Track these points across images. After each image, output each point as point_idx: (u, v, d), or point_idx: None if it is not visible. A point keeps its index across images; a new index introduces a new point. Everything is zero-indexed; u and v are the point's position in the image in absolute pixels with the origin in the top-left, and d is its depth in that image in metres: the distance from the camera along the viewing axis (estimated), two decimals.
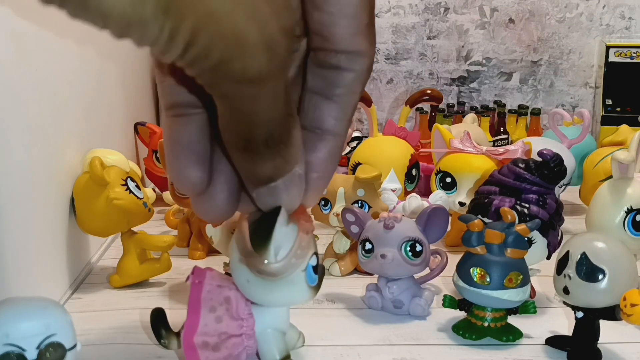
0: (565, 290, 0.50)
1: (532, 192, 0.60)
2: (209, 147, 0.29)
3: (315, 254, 0.45)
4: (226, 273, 0.56)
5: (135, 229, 0.68)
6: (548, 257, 0.61)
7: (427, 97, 1.08)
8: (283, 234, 0.39)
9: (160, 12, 0.21)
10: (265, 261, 0.39)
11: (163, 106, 0.29)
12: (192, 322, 0.47)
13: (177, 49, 0.22)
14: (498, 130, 1.25)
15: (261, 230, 0.35)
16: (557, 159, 0.61)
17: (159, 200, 0.87)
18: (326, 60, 0.28)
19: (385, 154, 0.87)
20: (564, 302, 0.52)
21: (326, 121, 0.29)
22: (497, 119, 1.28)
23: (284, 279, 0.42)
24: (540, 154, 0.61)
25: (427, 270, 0.63)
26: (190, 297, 0.48)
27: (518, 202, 0.60)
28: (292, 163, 0.28)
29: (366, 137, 1.06)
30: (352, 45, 0.27)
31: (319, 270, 0.46)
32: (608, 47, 1.49)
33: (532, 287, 0.60)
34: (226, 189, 0.30)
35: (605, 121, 1.46)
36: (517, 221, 0.53)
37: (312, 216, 0.74)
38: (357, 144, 1.02)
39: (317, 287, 0.46)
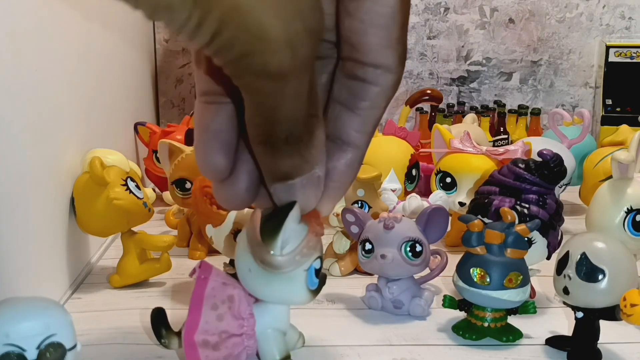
0: (565, 291, 0.50)
1: (532, 192, 0.60)
2: (236, 137, 0.30)
3: (320, 258, 0.45)
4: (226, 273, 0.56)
5: (135, 229, 0.68)
6: (548, 257, 0.61)
7: (427, 97, 1.08)
8: (293, 230, 0.39)
9: (189, 1, 0.23)
10: (272, 252, 0.40)
11: (197, 92, 0.30)
12: (193, 319, 0.47)
13: (204, 37, 0.24)
14: (498, 130, 1.25)
15: (272, 222, 0.36)
16: (557, 159, 0.61)
17: (159, 200, 0.87)
18: (353, 71, 0.28)
19: (385, 154, 0.87)
20: (564, 302, 0.52)
21: (347, 133, 0.29)
22: (497, 119, 1.28)
23: (284, 274, 0.42)
24: (540, 154, 0.61)
25: (427, 271, 0.63)
26: (193, 292, 0.48)
27: (518, 202, 0.60)
28: (312, 164, 0.29)
29: None
30: (379, 58, 0.27)
31: (321, 277, 0.46)
32: (608, 47, 1.49)
33: (532, 287, 0.60)
34: (247, 178, 0.31)
35: (605, 121, 1.46)
36: (517, 221, 0.53)
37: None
38: None
39: (316, 292, 0.46)
